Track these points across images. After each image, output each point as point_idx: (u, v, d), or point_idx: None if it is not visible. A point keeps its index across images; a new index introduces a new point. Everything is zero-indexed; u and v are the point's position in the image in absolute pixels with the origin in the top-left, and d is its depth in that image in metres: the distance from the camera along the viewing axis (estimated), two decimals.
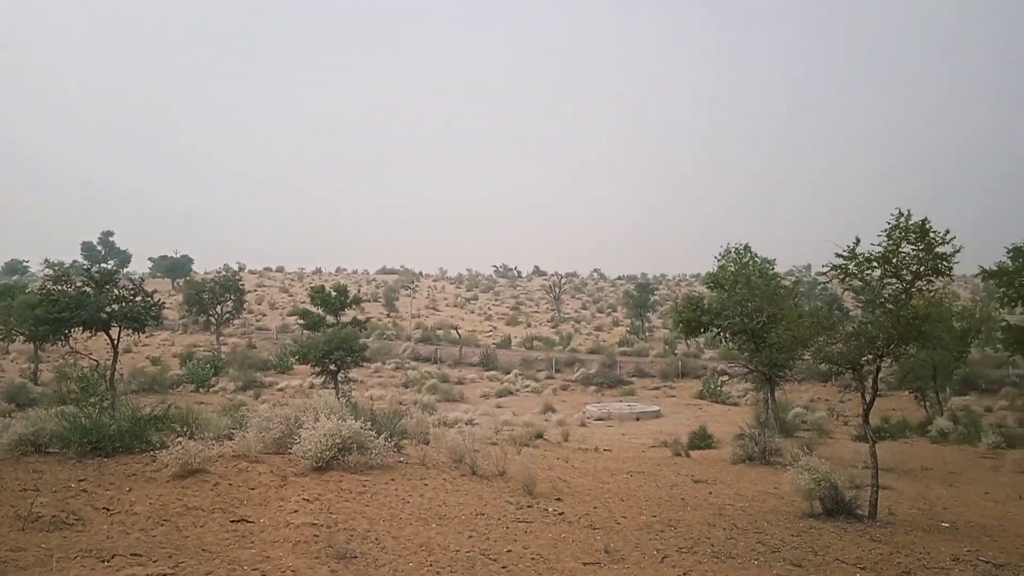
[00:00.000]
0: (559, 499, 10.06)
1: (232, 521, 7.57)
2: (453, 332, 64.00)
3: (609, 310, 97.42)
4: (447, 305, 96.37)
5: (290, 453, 10.02)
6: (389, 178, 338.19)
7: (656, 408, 34.92)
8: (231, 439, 11.02)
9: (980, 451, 22.13)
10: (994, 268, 23.20)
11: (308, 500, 8.40)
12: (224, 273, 77.93)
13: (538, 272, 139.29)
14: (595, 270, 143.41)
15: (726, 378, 45.49)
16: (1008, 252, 22.71)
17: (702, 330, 26.46)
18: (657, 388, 46.29)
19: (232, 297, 57.98)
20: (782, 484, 11.62)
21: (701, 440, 22.40)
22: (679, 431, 24.07)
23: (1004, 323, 26.10)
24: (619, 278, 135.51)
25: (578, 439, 23.94)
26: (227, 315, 58.23)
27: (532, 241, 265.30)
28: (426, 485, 9.90)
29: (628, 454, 19.31)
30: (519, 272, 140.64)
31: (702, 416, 31.20)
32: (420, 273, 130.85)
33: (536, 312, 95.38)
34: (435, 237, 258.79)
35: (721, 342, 26.86)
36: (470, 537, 7.66)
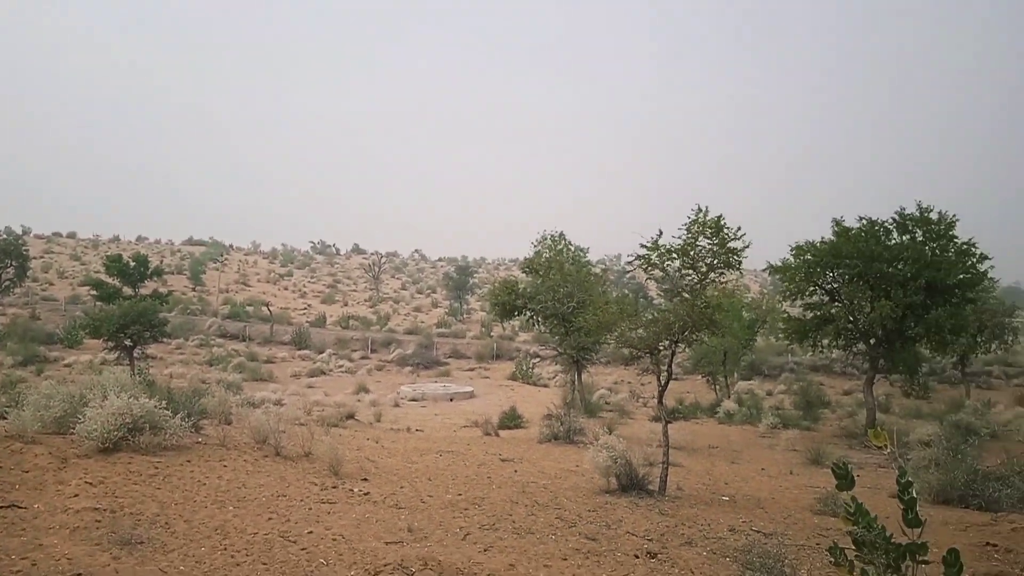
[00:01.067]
0: (366, 479, 9.97)
1: (0, 507, 6.88)
2: (264, 309, 61.64)
3: (428, 291, 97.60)
4: (259, 280, 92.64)
5: (73, 434, 9.24)
6: (203, 143, 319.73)
7: (470, 389, 35.41)
8: (4, 418, 10.01)
9: (760, 431, 24.15)
10: (778, 264, 25.39)
11: (91, 483, 7.80)
12: (5, 237, 70.39)
13: (357, 250, 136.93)
14: (416, 250, 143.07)
15: (538, 360, 46.88)
16: (791, 250, 24.91)
17: (516, 313, 27.10)
18: (472, 369, 47.00)
19: (13, 263, 52.64)
20: (583, 462, 12.12)
21: (511, 420, 22.96)
22: (491, 411, 24.54)
23: (785, 315, 28.67)
24: (440, 260, 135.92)
25: (390, 420, 23.84)
26: (7, 283, 52.78)
27: (352, 218, 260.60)
28: (225, 467, 9.48)
29: (439, 434, 19.46)
30: (337, 249, 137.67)
31: (513, 397, 31.96)
32: (231, 246, 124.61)
33: (354, 291, 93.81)
34: (249, 207, 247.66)
35: (534, 325, 27.68)
36: (269, 519, 7.42)
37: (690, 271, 11.48)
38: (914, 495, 5.34)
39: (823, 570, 6.47)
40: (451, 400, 32.34)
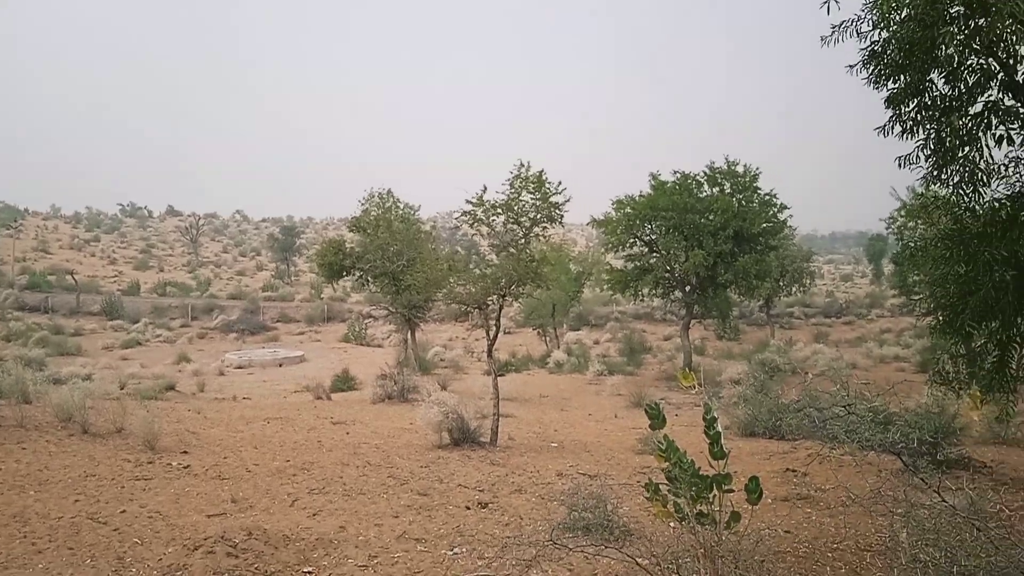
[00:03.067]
0: (185, 452, 9.47)
1: None
2: (68, 278, 56.88)
3: (253, 254, 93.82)
4: (61, 247, 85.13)
5: None
6: None
7: (300, 353, 34.48)
8: None
9: (588, 378, 25.16)
10: (601, 218, 26.32)
11: None
12: None
13: (172, 212, 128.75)
14: (238, 211, 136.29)
15: (371, 321, 46.32)
16: (612, 203, 25.86)
17: (345, 273, 26.51)
18: (302, 333, 45.81)
19: None
20: (417, 420, 12.10)
21: (344, 383, 22.61)
22: (323, 375, 24.03)
23: (608, 266, 29.84)
24: (264, 220, 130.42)
25: (215, 389, 22.80)
26: None
27: (166, 178, 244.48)
28: (24, 449, 8.71)
29: (268, 401, 18.85)
30: (150, 211, 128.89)
31: (347, 359, 31.46)
32: (26, 210, 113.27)
33: (170, 256, 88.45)
34: (46, 166, 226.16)
35: (363, 285, 27.20)
36: (76, 501, 6.88)
37: (515, 226, 11.58)
38: (719, 430, 5.68)
39: (642, 505, 6.81)
40: (280, 365, 31.36)
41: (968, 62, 5.61)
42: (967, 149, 5.75)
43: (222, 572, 5.32)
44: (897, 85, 5.97)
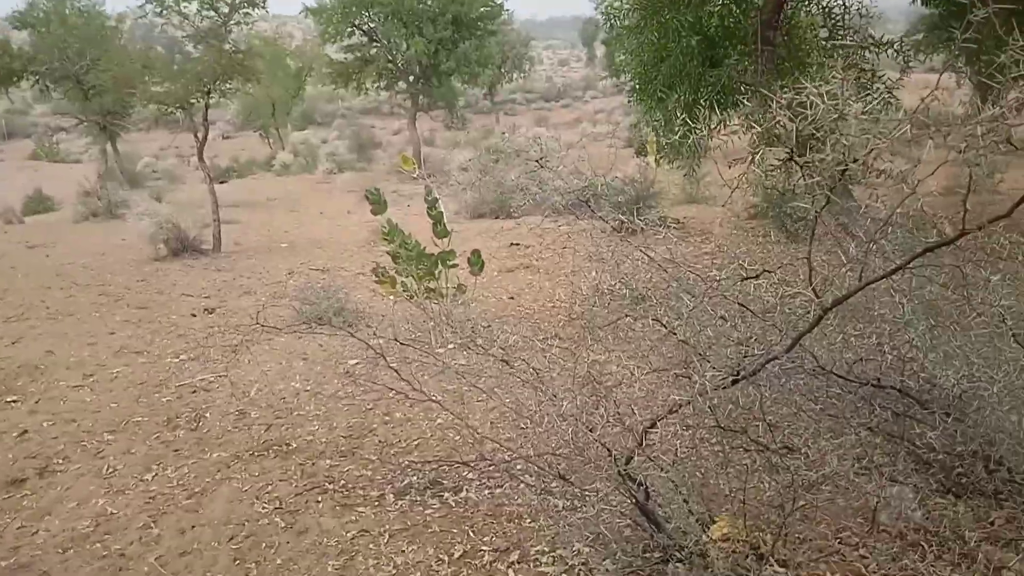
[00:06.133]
0: None
1: None
2: None
3: None
4: None
5: None
6: None
7: None
8: None
9: (317, 178, 24.44)
10: (314, 6, 24.57)
11: None
12: None
13: None
14: None
15: (64, 134, 41.04)
16: None
17: (16, 80, 22.76)
18: None
19: None
20: (129, 235, 11.18)
21: (38, 204, 20.23)
22: (11, 198, 21.20)
23: (328, 59, 28.32)
24: None
25: None
26: None
27: None
28: None
29: None
30: None
31: (39, 178, 27.84)
32: None
33: None
34: None
35: (42, 92, 23.56)
36: None
37: (211, 12, 10.39)
38: (440, 210, 5.80)
39: (373, 290, 6.91)
40: None
41: None
42: None
43: None
44: None
